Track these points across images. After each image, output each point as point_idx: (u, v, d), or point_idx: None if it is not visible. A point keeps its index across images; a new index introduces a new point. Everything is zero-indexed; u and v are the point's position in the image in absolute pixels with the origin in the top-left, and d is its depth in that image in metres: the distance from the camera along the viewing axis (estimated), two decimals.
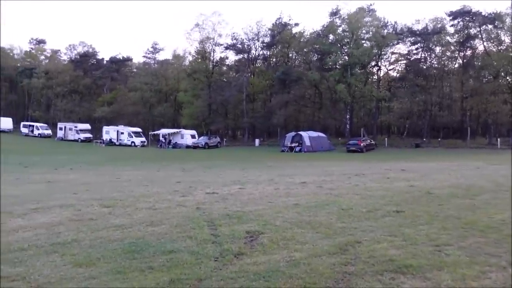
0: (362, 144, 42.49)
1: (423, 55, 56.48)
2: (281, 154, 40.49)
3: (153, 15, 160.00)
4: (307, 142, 43.24)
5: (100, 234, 6.68)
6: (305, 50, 59.36)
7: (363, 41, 54.57)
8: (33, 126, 66.88)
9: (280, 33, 59.96)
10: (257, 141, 55.88)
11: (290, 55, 64.14)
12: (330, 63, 56.52)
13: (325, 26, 55.66)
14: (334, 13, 56.03)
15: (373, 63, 56.67)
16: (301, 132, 45.94)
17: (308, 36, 59.87)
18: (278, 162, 28.86)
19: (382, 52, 55.92)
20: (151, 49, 75.91)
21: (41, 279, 4.69)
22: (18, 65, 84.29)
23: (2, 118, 69.24)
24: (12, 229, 7.28)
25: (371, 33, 53.69)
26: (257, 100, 65.43)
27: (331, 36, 55.17)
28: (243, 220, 7.55)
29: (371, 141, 46.43)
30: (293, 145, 43.50)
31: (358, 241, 6.04)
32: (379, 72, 59.00)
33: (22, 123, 69.49)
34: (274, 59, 65.93)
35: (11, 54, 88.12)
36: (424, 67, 56.02)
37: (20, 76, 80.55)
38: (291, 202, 9.64)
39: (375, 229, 6.75)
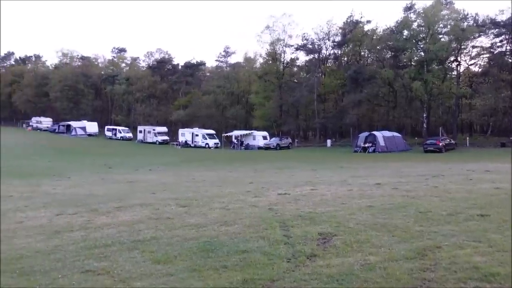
0: (440, 144, 40.35)
1: (508, 47, 52.44)
2: (353, 155, 39.63)
3: (225, 20, 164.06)
4: (381, 142, 41.91)
5: (177, 233, 6.93)
6: (378, 47, 57.53)
7: (441, 36, 51.77)
8: (116, 129, 71.10)
9: (352, 31, 58.69)
10: (329, 142, 55.15)
11: (362, 53, 62.57)
12: (405, 60, 54.32)
13: (399, 22, 53.63)
14: (409, 8, 53.84)
15: (452, 58, 53.58)
16: (374, 132, 44.61)
17: (381, 33, 58.01)
18: (351, 162, 28.25)
19: (462, 46, 52.69)
20: (223, 53, 77.82)
21: (123, 274, 4.95)
22: (102, 73, 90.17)
23: (89, 122, 74.54)
24: (97, 226, 7.80)
25: (449, 26, 50.81)
26: (328, 100, 64.60)
27: (405, 32, 53.00)
28: (315, 221, 7.47)
29: (450, 141, 43.93)
30: (366, 145, 42.37)
31: (438, 246, 5.72)
32: (458, 68, 55.63)
33: (106, 127, 74.17)
34: (345, 58, 64.71)
35: (96, 63, 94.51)
36: (510, 60, 51.99)
37: (104, 83, 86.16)
38: (365, 204, 9.39)
39: (457, 234, 6.35)
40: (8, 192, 13.74)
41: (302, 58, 67.62)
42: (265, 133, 56.16)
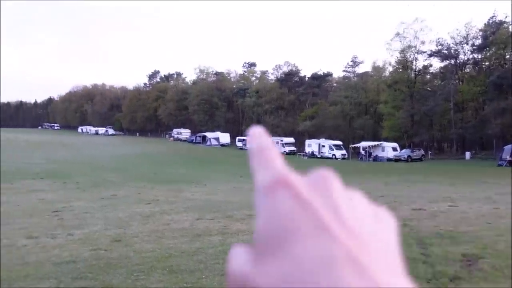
0: None
1: None
2: (498, 169, 35.72)
3: (353, 30, 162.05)
4: None
5: None
6: None
7: None
8: (246, 140, 74.49)
9: (495, 33, 53.35)
10: (467, 154, 50.63)
11: (508, 56, 56.37)
12: None
13: None
14: None
15: None
16: None
17: None
18: (495, 177, 25.47)
19: None
20: (350, 63, 76.85)
21: None
22: (234, 86, 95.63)
23: (221, 133, 79.59)
24: (233, 232, 8.25)
25: None
26: (467, 109, 59.49)
27: None
28: (457, 241, 6.92)
29: None
30: None
31: None
32: None
33: (237, 138, 78.25)
34: (487, 63, 59.01)
35: (228, 78, 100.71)
36: None
37: (235, 96, 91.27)
38: None
39: None
40: (156, 196, 15.27)
41: (436, 64, 63.52)
42: (395, 144, 53.77)
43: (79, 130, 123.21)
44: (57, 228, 9.07)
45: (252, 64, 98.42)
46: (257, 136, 0.36)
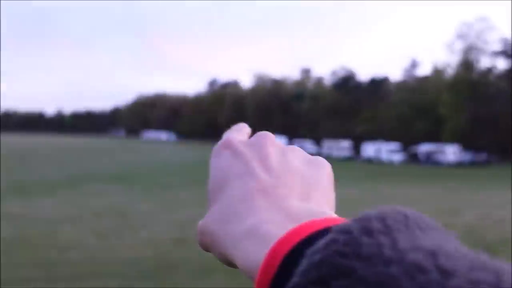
0: None
1: None
2: None
3: (411, 31, 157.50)
4: None
5: None
6: None
7: None
8: (302, 144, 74.81)
9: None
10: None
11: None
12: None
13: None
14: None
15: None
16: None
17: None
18: None
19: None
20: (409, 65, 74.95)
21: None
22: (290, 92, 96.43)
23: (278, 137, 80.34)
24: None
25: None
26: None
27: None
28: None
29: None
30: None
31: None
32: None
33: (294, 141, 78.59)
34: None
35: (285, 83, 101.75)
36: None
37: (292, 101, 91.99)
38: None
39: None
40: None
41: (501, 65, 60.30)
42: (456, 148, 51.67)
43: (142, 136, 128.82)
44: (123, 229, 9.56)
45: (308, 70, 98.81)
46: (236, 126, 0.49)
